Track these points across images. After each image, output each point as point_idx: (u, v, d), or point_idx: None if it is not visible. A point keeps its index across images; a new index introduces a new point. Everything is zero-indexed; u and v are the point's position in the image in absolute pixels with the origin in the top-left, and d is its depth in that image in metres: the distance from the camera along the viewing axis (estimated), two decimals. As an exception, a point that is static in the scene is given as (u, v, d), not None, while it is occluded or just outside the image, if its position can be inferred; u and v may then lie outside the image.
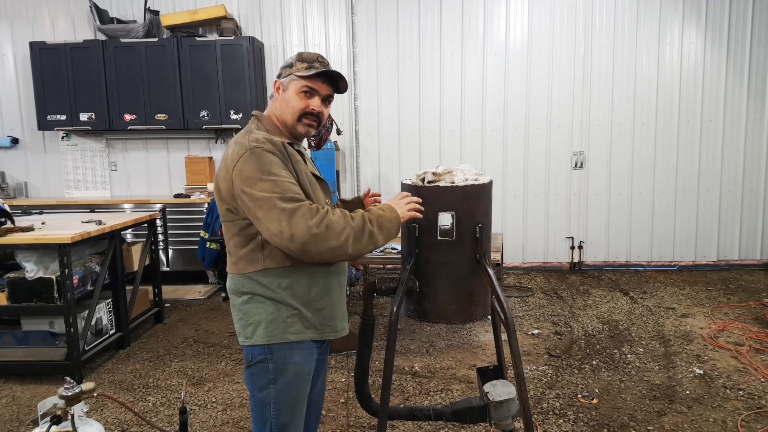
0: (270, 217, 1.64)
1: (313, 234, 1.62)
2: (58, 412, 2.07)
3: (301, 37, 6.49)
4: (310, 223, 1.62)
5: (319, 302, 1.83)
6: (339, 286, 1.92)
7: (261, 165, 1.67)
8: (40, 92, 6.24)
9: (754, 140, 6.22)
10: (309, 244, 1.63)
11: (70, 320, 3.73)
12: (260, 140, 1.71)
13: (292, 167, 1.74)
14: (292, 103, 1.83)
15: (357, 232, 1.69)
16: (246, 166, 1.67)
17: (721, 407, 3.27)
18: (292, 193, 1.65)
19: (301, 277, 1.78)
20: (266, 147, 1.69)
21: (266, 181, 1.65)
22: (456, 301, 2.12)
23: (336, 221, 1.66)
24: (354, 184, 6.64)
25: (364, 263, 5.28)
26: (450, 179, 2.14)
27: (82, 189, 6.84)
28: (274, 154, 1.70)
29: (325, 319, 1.86)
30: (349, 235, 1.67)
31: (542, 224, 6.54)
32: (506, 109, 6.40)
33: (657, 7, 6.10)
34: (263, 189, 1.65)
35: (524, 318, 4.91)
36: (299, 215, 1.62)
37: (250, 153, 1.68)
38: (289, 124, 1.85)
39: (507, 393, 2.16)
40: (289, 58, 1.89)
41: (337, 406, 3.41)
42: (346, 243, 1.66)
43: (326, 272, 1.84)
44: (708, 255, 6.42)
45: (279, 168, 1.68)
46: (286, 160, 1.72)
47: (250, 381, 1.84)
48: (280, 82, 1.87)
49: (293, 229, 1.61)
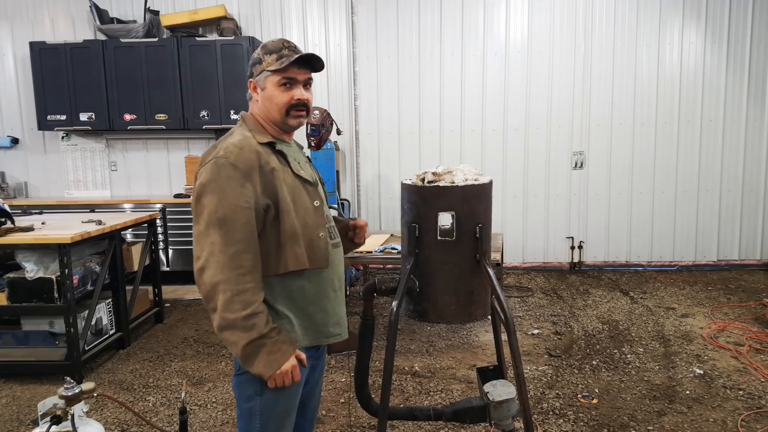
0: (200, 238, 1.63)
1: (215, 289, 1.59)
2: (58, 412, 2.07)
3: (301, 37, 6.49)
4: (223, 277, 1.59)
5: (310, 308, 1.78)
6: (333, 291, 1.86)
7: (218, 179, 1.62)
8: (40, 92, 6.24)
9: (754, 140, 6.22)
10: (204, 289, 1.61)
11: (70, 320, 3.73)
12: (229, 150, 1.66)
13: (259, 179, 1.66)
14: (276, 100, 1.75)
15: (231, 323, 1.60)
16: (203, 174, 1.65)
17: (721, 407, 3.26)
18: (237, 233, 1.61)
19: (290, 285, 1.74)
20: (230, 159, 1.64)
21: (214, 198, 1.62)
22: (456, 301, 2.12)
23: (237, 299, 1.59)
24: (354, 184, 6.64)
25: (364, 263, 5.28)
26: (450, 179, 2.14)
27: (82, 189, 6.83)
28: (237, 168, 1.63)
29: (318, 325, 1.81)
30: (225, 314, 1.59)
31: (542, 224, 6.54)
32: (506, 109, 6.40)
33: (657, 7, 6.10)
34: (210, 206, 1.62)
35: (524, 318, 4.91)
36: (224, 259, 1.59)
37: (213, 163, 1.65)
38: (279, 120, 1.79)
39: (507, 393, 2.16)
40: (255, 54, 1.79)
41: (337, 406, 3.41)
42: (219, 314, 1.60)
43: (318, 279, 1.79)
44: (708, 255, 6.42)
45: (235, 185, 1.62)
46: (251, 171, 1.65)
47: (237, 390, 1.79)
48: (255, 81, 1.79)
49: (207, 265, 1.60)
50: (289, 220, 1.70)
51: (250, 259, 1.63)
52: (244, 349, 1.61)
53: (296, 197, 1.74)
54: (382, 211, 6.70)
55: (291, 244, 1.70)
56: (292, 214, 1.71)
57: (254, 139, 1.73)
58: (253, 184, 1.65)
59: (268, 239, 1.70)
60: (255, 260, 1.64)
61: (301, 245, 1.71)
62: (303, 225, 1.74)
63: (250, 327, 1.60)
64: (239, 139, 1.71)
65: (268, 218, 1.69)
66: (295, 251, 1.71)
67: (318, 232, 1.78)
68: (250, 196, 1.64)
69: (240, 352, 1.63)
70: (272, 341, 1.64)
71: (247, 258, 1.62)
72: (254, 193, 1.65)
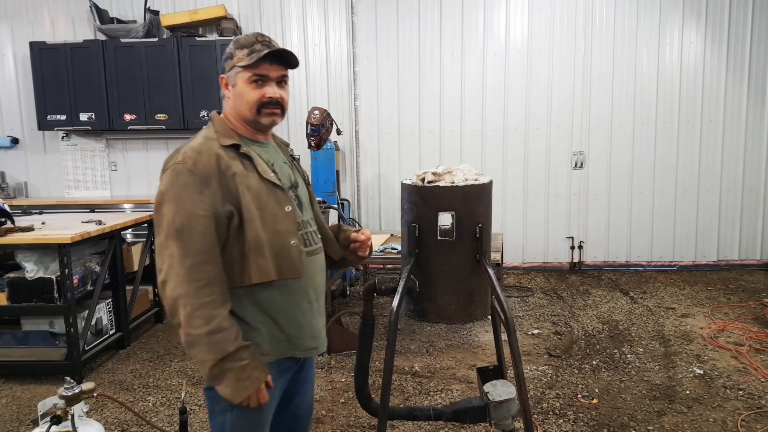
0: (161, 250, 1.56)
1: (176, 304, 1.53)
2: (58, 412, 2.07)
3: (301, 37, 6.49)
4: (182, 291, 1.52)
5: (282, 321, 1.69)
6: (308, 302, 1.75)
7: (175, 187, 1.55)
8: (40, 92, 6.24)
9: (754, 140, 6.22)
10: (167, 303, 1.55)
11: (70, 320, 3.73)
12: (187, 155, 1.58)
13: (218, 185, 1.57)
14: (246, 97, 1.67)
15: (195, 339, 1.52)
16: (163, 182, 1.59)
17: (721, 407, 3.26)
18: (195, 244, 1.53)
19: (258, 296, 1.65)
20: (188, 165, 1.56)
21: (172, 207, 1.55)
22: (456, 301, 2.12)
23: (197, 314, 1.51)
24: (354, 184, 6.64)
25: (364, 263, 5.28)
26: (450, 179, 2.14)
27: (82, 189, 6.83)
28: (194, 174, 1.55)
29: (291, 338, 1.71)
30: (188, 330, 1.52)
31: (542, 224, 6.54)
32: (506, 109, 6.40)
33: (657, 7, 6.10)
34: (168, 216, 1.55)
35: (524, 318, 4.91)
36: (183, 272, 1.52)
37: (171, 170, 1.58)
38: (250, 118, 1.69)
39: (507, 393, 2.16)
40: (227, 49, 1.71)
41: (337, 406, 3.41)
42: (183, 329, 1.53)
43: (290, 290, 1.69)
44: (708, 255, 6.42)
45: (192, 192, 1.54)
46: (209, 177, 1.56)
47: (209, 400, 1.70)
48: (226, 77, 1.71)
49: (168, 278, 1.54)
50: (253, 229, 1.59)
51: (210, 271, 1.54)
52: (211, 370, 1.54)
53: (263, 204, 1.63)
54: (382, 211, 6.70)
55: (255, 255, 1.60)
56: (257, 223, 1.60)
57: (217, 141, 1.64)
58: (212, 190, 1.57)
59: (233, 249, 1.61)
60: (216, 271, 1.56)
61: (266, 256, 1.60)
62: (272, 233, 1.63)
63: (215, 344, 1.52)
64: (200, 142, 1.63)
65: (232, 226, 1.60)
66: (258, 263, 1.60)
67: (289, 239, 1.66)
68: (208, 204, 1.55)
69: (207, 372, 1.55)
70: (240, 366, 1.54)
71: (206, 270, 1.54)
72: (213, 199, 1.56)
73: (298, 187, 1.81)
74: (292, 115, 6.59)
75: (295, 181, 1.81)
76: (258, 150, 1.72)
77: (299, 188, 1.82)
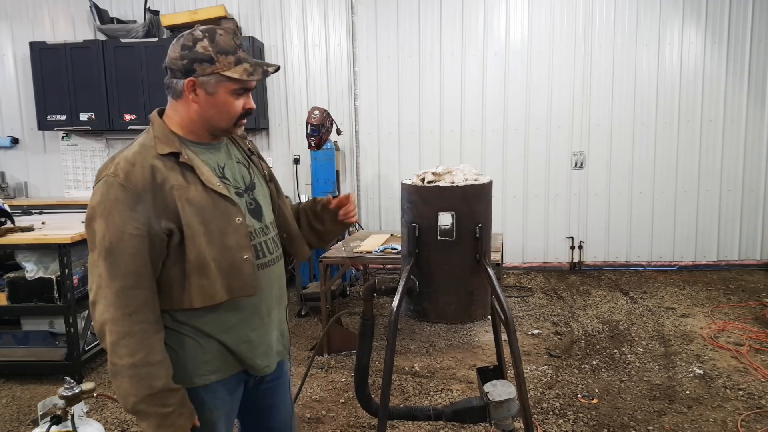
0: (92, 268, 1.45)
1: (103, 329, 1.42)
2: (58, 412, 2.08)
3: (301, 37, 6.49)
4: (109, 316, 1.40)
5: (230, 340, 1.57)
6: (259, 319, 1.62)
7: (106, 202, 1.42)
8: (40, 92, 6.24)
9: (754, 140, 6.22)
10: (96, 326, 1.44)
11: (70, 320, 3.73)
12: (120, 166, 1.44)
13: (152, 199, 1.43)
14: (228, 109, 1.53)
15: (118, 369, 1.41)
16: (95, 195, 1.45)
17: (721, 407, 3.27)
18: (125, 265, 1.41)
19: (202, 318, 1.53)
20: (119, 178, 1.42)
21: (102, 223, 1.42)
22: (456, 301, 2.12)
23: (122, 343, 1.39)
24: (354, 184, 6.64)
25: (364, 263, 5.28)
26: (450, 179, 2.14)
27: (82, 189, 6.83)
28: (126, 189, 1.41)
29: (241, 358, 1.60)
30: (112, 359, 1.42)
31: (542, 224, 6.54)
32: (506, 109, 6.40)
33: (657, 7, 6.10)
34: (99, 233, 1.42)
35: (524, 318, 4.91)
36: (110, 296, 1.40)
37: (103, 182, 1.44)
38: (223, 128, 1.57)
39: (507, 393, 2.16)
40: (199, 47, 1.50)
41: (337, 406, 3.41)
42: (109, 357, 1.43)
43: (239, 308, 1.57)
44: (708, 255, 6.42)
45: (123, 209, 1.40)
46: (143, 192, 1.42)
47: None
48: (198, 81, 1.50)
49: (97, 300, 1.42)
50: (195, 247, 1.45)
51: (138, 297, 1.41)
52: (134, 406, 1.42)
53: (209, 218, 1.48)
54: (382, 211, 6.70)
55: (197, 277, 1.47)
56: (200, 239, 1.46)
57: (155, 149, 1.48)
58: (146, 206, 1.42)
59: (173, 268, 1.48)
60: (147, 297, 1.43)
61: (210, 276, 1.48)
62: (220, 250, 1.49)
63: (138, 379, 1.40)
64: (134, 152, 1.48)
65: (172, 244, 1.46)
66: (201, 285, 1.47)
67: (241, 254, 1.53)
68: (141, 222, 1.41)
69: (130, 408, 1.42)
70: (163, 414, 1.42)
71: (135, 295, 1.41)
72: (147, 216, 1.42)
73: (254, 188, 1.67)
74: (293, 115, 6.59)
75: (251, 183, 1.67)
76: (204, 154, 1.57)
77: (256, 189, 1.68)
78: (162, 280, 1.48)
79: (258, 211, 1.65)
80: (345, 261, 4.21)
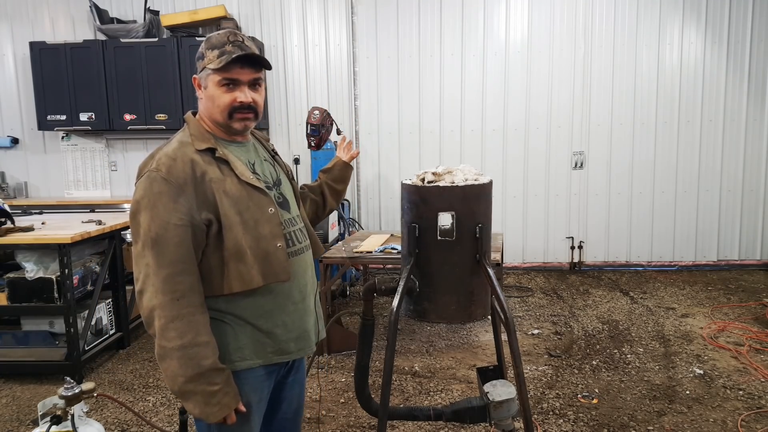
0: (138, 259, 1.53)
1: (152, 315, 1.50)
2: (58, 412, 2.07)
3: (301, 37, 6.49)
4: (158, 302, 1.48)
5: (266, 325, 1.65)
6: (293, 304, 1.70)
7: (150, 195, 1.51)
8: (40, 92, 6.24)
9: (754, 140, 6.22)
10: (144, 314, 1.51)
11: (70, 320, 3.73)
12: (161, 161, 1.54)
13: (194, 192, 1.52)
14: (218, 101, 1.61)
15: (168, 352, 1.49)
16: (138, 190, 1.55)
17: (721, 407, 3.27)
18: (170, 254, 1.49)
19: (240, 303, 1.61)
20: (162, 172, 1.52)
21: (147, 215, 1.50)
22: (456, 301, 2.12)
23: (171, 326, 1.47)
24: (354, 184, 6.64)
25: (364, 263, 5.28)
26: (450, 179, 2.14)
27: (82, 189, 6.83)
28: (168, 182, 1.51)
29: (277, 342, 1.67)
30: (162, 342, 1.49)
31: (542, 224, 6.54)
32: (506, 109, 6.40)
33: (657, 7, 6.10)
34: (144, 225, 1.50)
35: (524, 318, 4.91)
36: (158, 283, 1.48)
37: (146, 178, 1.54)
38: (222, 122, 1.64)
39: (507, 393, 2.16)
40: (201, 47, 1.63)
41: (337, 406, 3.41)
42: (157, 341, 1.50)
43: (274, 294, 1.65)
44: (708, 255, 6.42)
45: (168, 201, 1.50)
46: (184, 185, 1.52)
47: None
48: (198, 78, 1.64)
49: (144, 288, 1.50)
50: (232, 236, 1.55)
51: (185, 282, 1.50)
52: (181, 387, 1.49)
53: (244, 208, 1.58)
54: (382, 211, 6.70)
55: (235, 263, 1.56)
56: (237, 229, 1.56)
57: (192, 146, 1.59)
58: (188, 198, 1.52)
59: (212, 257, 1.57)
60: (192, 282, 1.52)
61: (247, 263, 1.56)
62: (255, 238, 1.59)
63: (187, 359, 1.48)
64: (174, 148, 1.58)
65: (211, 234, 1.56)
66: (239, 271, 1.56)
67: (275, 242, 1.62)
68: (184, 213, 1.51)
69: (177, 389, 1.50)
70: (210, 392, 1.50)
71: (181, 281, 1.49)
72: (189, 208, 1.52)
73: (281, 184, 1.78)
74: (293, 115, 6.59)
75: (278, 179, 1.78)
76: (236, 151, 1.68)
77: (282, 185, 1.78)
78: (202, 268, 1.57)
79: (286, 204, 1.76)
80: (345, 261, 4.21)
